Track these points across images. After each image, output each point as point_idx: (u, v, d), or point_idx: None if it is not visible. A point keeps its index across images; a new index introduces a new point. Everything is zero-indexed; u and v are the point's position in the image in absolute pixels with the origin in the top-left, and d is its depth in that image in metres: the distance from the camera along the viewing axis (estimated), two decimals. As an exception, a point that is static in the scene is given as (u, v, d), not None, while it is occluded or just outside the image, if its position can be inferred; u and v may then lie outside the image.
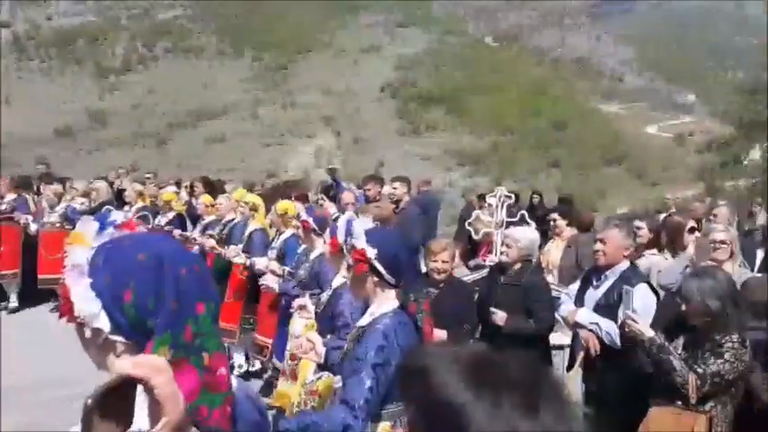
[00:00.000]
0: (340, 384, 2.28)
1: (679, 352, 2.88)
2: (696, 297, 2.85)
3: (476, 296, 4.52)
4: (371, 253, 2.20)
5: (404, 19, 49.92)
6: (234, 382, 1.16)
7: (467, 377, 0.80)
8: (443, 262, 4.09)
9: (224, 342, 1.24)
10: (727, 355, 2.76)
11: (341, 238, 2.90)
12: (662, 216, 8.02)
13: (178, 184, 11.74)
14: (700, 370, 2.73)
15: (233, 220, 6.48)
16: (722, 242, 3.92)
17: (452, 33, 49.85)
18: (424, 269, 4.51)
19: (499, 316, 4.06)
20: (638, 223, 5.31)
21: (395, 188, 6.78)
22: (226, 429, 1.08)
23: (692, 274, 3.07)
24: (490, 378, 0.80)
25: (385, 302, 2.25)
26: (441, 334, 3.56)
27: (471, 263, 7.28)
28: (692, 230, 4.79)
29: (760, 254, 4.76)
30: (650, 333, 2.94)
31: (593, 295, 3.77)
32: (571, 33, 54.27)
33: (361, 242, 2.23)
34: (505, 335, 3.99)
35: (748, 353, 2.79)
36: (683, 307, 2.89)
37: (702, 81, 47.27)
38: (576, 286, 4.04)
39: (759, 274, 4.04)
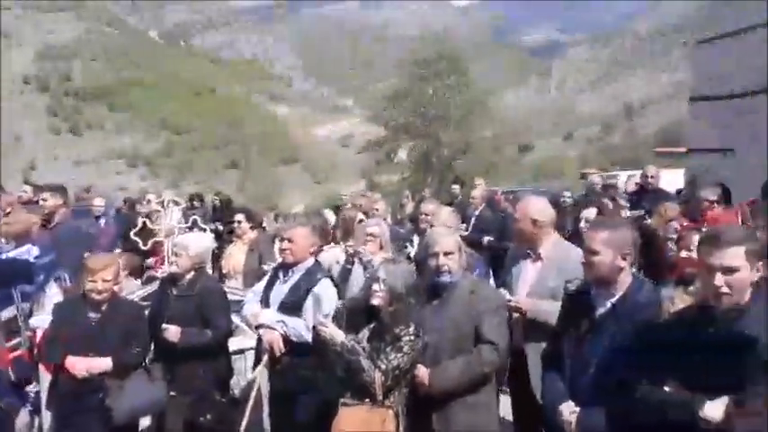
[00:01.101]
0: None
1: (363, 345, 2.86)
2: (384, 285, 2.92)
3: (147, 312, 3.96)
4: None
5: (49, 5, 43.76)
6: None
7: None
8: (104, 281, 3.53)
9: None
10: (405, 348, 2.85)
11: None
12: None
13: None
14: (383, 366, 2.76)
15: None
16: (372, 235, 4.25)
17: (110, 24, 45.74)
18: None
19: (171, 331, 3.76)
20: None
21: (44, 199, 5.55)
22: None
23: (384, 263, 3.13)
24: None
25: None
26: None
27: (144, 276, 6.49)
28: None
29: (416, 239, 5.24)
30: (340, 338, 2.88)
31: (279, 292, 3.63)
32: (240, 35, 55.12)
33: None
34: (183, 350, 3.75)
35: (421, 341, 2.93)
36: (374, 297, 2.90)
37: (360, 88, 53.16)
38: (262, 285, 3.85)
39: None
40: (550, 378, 2.81)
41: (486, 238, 6.92)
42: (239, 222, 5.70)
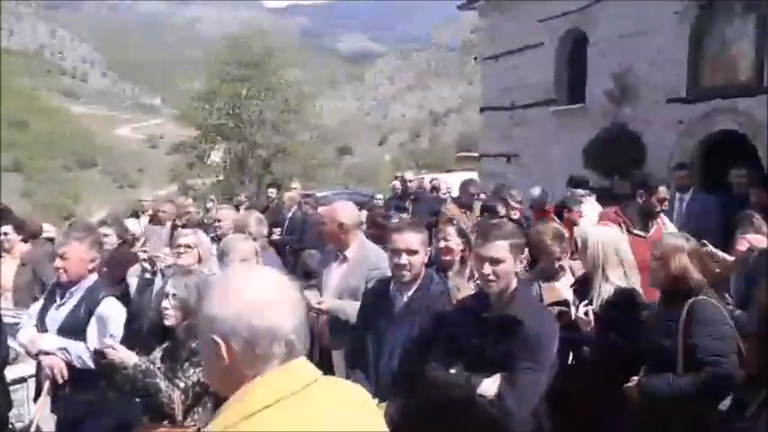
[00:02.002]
0: None
1: (158, 366, 2.66)
2: (175, 301, 2.73)
3: None
4: None
5: None
6: None
7: None
8: None
9: None
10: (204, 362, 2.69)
11: None
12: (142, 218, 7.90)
13: None
14: (182, 384, 2.59)
15: None
16: (187, 246, 3.73)
17: None
18: None
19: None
20: (105, 230, 4.94)
21: None
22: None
23: (174, 276, 2.90)
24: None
25: None
26: None
27: None
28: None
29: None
30: (132, 360, 2.65)
31: (57, 314, 3.23)
32: (24, 24, 48.73)
33: None
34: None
35: None
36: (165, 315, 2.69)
37: (168, 86, 50.15)
38: (37, 307, 3.41)
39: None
40: (354, 376, 2.88)
41: (287, 238, 7.23)
42: (6, 234, 4.96)
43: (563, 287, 3.27)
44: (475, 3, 12.85)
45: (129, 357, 2.67)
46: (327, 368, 3.53)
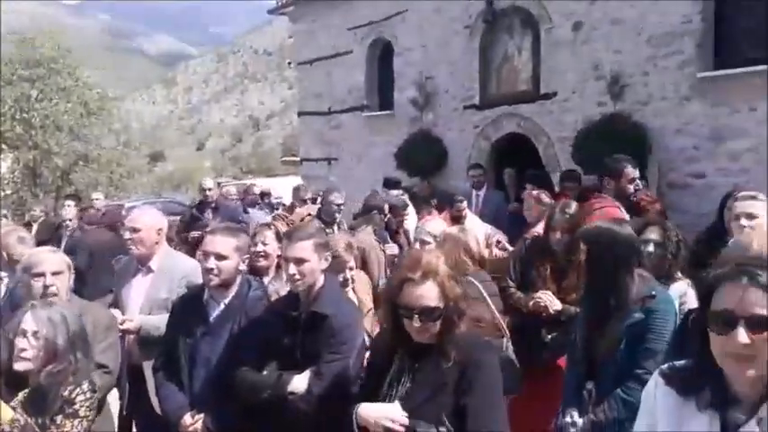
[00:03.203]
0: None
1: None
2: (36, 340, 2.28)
3: None
4: None
5: None
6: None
7: None
8: None
9: None
10: (82, 411, 2.30)
11: None
12: None
13: None
14: None
15: None
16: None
17: None
18: None
19: None
20: None
21: None
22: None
23: (32, 308, 2.38)
24: None
25: None
26: None
27: None
28: None
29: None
30: (9, 415, 2.18)
31: None
32: None
33: None
34: None
35: (96, 395, 2.41)
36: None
37: None
38: None
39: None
40: (167, 389, 2.80)
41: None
42: None
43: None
44: (285, 8, 12.96)
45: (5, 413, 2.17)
46: (141, 382, 3.36)
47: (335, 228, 5.58)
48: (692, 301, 2.71)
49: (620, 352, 2.36)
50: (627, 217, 3.96)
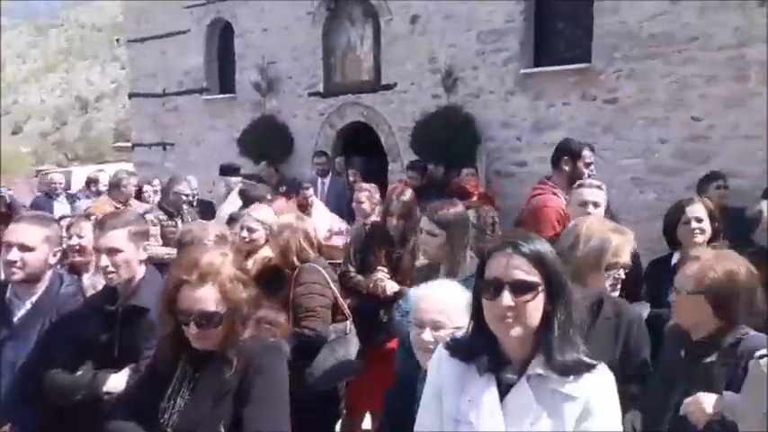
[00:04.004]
0: None
1: None
2: None
3: None
4: None
5: None
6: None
7: None
8: None
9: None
10: None
11: None
12: None
13: None
14: None
15: None
16: None
17: None
18: None
19: None
20: None
21: None
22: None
23: None
24: None
25: None
26: None
27: None
28: None
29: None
30: None
31: None
32: None
33: None
34: None
35: None
36: None
37: None
38: None
39: None
40: None
41: None
42: None
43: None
44: (115, -20, 11.91)
45: None
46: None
47: (180, 220, 5.37)
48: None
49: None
50: (561, 203, 4.00)
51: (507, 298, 1.41)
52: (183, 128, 11.21)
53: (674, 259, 3.19)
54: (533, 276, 1.43)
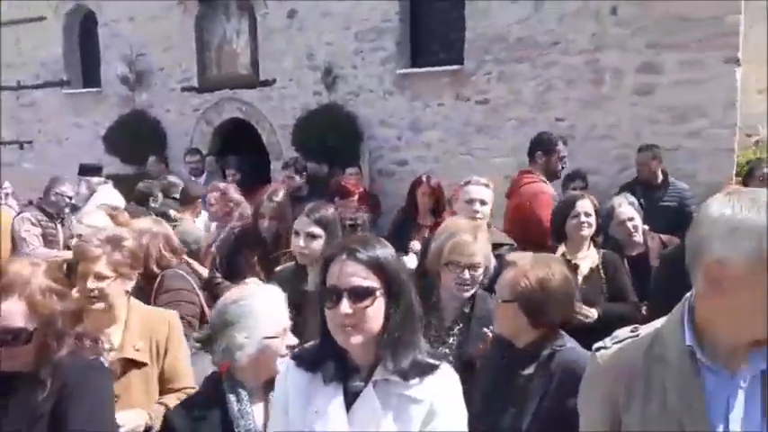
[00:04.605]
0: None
1: None
2: None
3: None
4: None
5: None
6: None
7: None
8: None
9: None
10: None
11: None
12: None
13: None
14: None
15: None
16: None
17: None
18: None
19: None
20: None
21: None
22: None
23: None
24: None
25: None
26: None
27: None
28: None
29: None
30: None
31: None
32: None
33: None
34: None
35: None
36: None
37: None
38: None
39: None
40: None
41: None
42: None
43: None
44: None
45: None
46: None
47: (60, 223, 5.22)
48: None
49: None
50: (552, 191, 4.17)
51: (345, 305, 1.39)
52: (42, 125, 10.27)
53: (559, 252, 3.32)
54: (371, 281, 1.41)
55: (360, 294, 1.39)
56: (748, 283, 1.10)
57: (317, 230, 2.79)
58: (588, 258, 3.30)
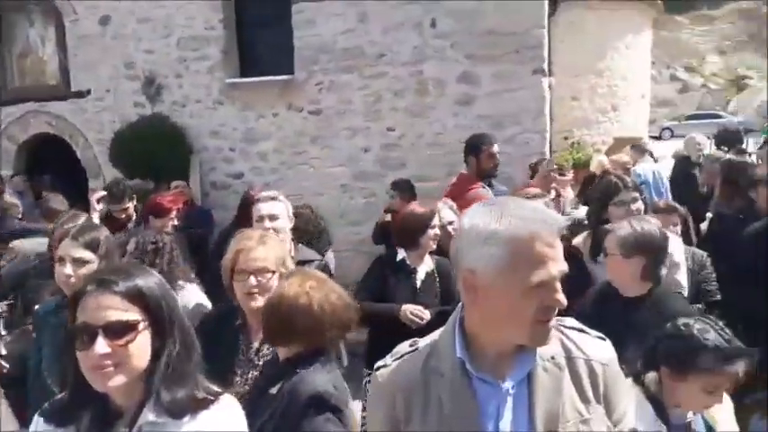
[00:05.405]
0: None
1: None
2: None
3: None
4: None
5: None
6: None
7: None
8: None
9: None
10: None
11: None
12: None
13: None
14: None
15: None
16: None
17: None
18: None
19: None
20: None
21: None
22: None
23: None
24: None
25: None
26: None
27: None
28: None
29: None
30: None
31: None
32: None
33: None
34: None
35: None
36: None
37: None
38: None
39: None
40: None
41: None
42: None
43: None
44: None
45: None
46: None
47: None
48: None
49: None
50: (491, 195, 4.24)
51: (101, 345, 1.22)
52: None
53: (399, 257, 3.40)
54: (132, 314, 1.25)
55: (118, 331, 1.23)
56: (498, 290, 1.11)
57: (88, 255, 2.36)
58: (425, 264, 3.37)
